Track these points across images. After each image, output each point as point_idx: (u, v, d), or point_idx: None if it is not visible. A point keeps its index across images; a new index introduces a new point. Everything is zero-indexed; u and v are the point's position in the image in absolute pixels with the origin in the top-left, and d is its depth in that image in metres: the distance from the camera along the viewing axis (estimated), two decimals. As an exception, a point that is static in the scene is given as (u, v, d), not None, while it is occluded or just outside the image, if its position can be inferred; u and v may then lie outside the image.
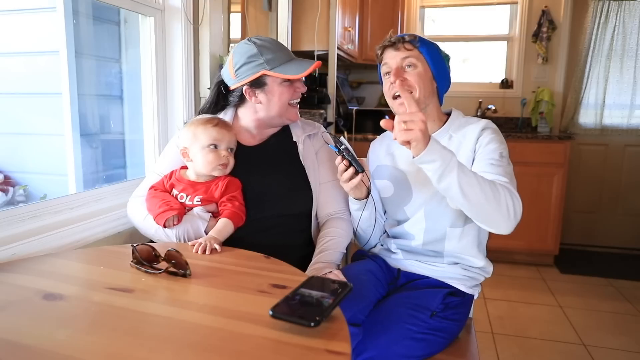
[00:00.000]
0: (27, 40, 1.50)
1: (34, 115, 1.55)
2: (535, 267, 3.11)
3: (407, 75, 1.16)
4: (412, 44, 1.16)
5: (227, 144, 1.19)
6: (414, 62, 1.16)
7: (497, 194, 0.97)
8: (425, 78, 1.17)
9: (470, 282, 1.20)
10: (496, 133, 1.15)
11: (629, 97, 3.36)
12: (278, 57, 1.20)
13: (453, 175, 0.94)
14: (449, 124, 1.21)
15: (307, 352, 0.62)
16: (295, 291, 0.74)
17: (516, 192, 1.02)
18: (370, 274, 1.20)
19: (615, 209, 3.52)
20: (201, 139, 1.17)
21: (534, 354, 2.02)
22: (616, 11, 3.27)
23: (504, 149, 1.13)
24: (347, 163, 1.07)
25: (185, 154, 1.20)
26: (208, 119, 1.21)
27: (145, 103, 1.70)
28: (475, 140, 1.14)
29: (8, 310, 0.72)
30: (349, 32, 2.92)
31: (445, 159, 0.93)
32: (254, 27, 2.31)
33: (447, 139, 1.18)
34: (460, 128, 1.19)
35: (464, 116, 1.25)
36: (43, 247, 1.11)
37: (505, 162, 1.10)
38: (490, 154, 1.10)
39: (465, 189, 0.94)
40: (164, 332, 0.67)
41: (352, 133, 2.95)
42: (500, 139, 1.14)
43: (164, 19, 1.68)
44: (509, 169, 1.09)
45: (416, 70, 1.16)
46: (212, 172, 1.19)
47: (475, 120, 1.20)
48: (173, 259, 0.88)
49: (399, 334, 1.02)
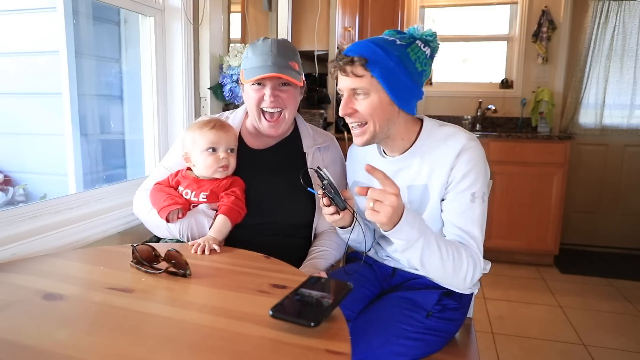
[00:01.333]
0: (27, 40, 1.50)
1: (34, 115, 1.55)
2: (535, 267, 3.11)
3: (357, 105, 1.03)
4: (364, 68, 1.00)
5: (226, 145, 1.19)
6: (365, 91, 1.02)
7: (458, 269, 1.00)
8: (380, 106, 1.03)
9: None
10: (471, 160, 1.03)
11: (629, 97, 3.36)
12: (254, 59, 1.19)
13: (416, 253, 0.97)
14: (421, 142, 1.10)
15: (307, 352, 0.62)
16: (295, 291, 0.74)
17: (480, 255, 1.03)
18: (359, 274, 1.19)
19: (615, 209, 3.52)
20: (199, 143, 1.17)
21: (534, 354, 2.02)
22: (616, 11, 3.28)
23: (479, 183, 1.03)
24: (327, 201, 1.01)
25: (188, 159, 1.21)
26: (205, 121, 1.21)
27: (145, 103, 1.70)
28: (449, 169, 1.03)
29: (8, 310, 0.72)
30: (349, 32, 2.92)
31: (410, 240, 0.95)
32: (254, 27, 2.31)
33: (419, 161, 1.08)
34: (433, 148, 1.08)
35: (439, 126, 1.11)
36: (43, 247, 1.11)
37: (477, 204, 1.02)
38: (461, 197, 1.03)
39: (426, 264, 0.99)
40: (164, 332, 0.67)
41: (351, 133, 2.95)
42: (475, 168, 1.03)
43: (164, 19, 1.68)
44: (478, 211, 1.03)
45: (368, 99, 1.02)
46: (213, 174, 1.19)
47: (451, 133, 1.07)
48: (173, 259, 0.88)
49: (393, 333, 1.01)
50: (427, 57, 1.05)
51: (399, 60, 1.00)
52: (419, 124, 1.13)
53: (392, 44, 1.02)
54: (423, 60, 1.04)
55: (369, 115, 1.03)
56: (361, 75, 1.01)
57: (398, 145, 1.12)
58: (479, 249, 1.04)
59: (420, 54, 1.04)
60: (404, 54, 1.01)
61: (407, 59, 1.02)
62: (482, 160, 1.05)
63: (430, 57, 1.07)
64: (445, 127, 1.10)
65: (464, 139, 1.04)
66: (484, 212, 1.05)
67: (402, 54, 1.01)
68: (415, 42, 1.04)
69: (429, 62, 1.06)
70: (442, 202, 1.07)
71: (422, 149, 1.09)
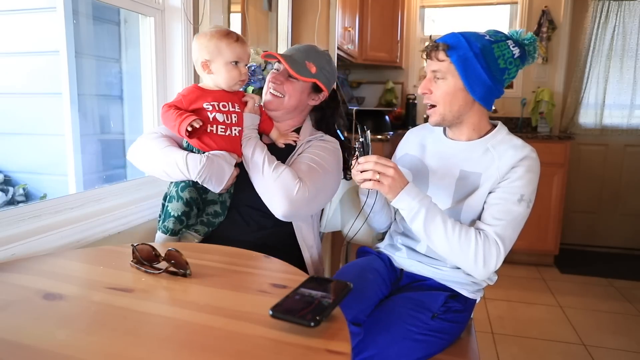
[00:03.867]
0: (27, 40, 1.50)
1: (34, 115, 1.55)
2: (535, 267, 3.11)
3: (434, 87, 1.12)
4: (445, 54, 1.09)
5: (246, 60, 1.20)
6: (442, 75, 1.10)
7: (465, 245, 1.03)
8: (453, 92, 1.10)
9: (472, 287, 1.19)
10: (531, 169, 1.09)
11: (629, 97, 3.36)
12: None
13: (419, 224, 1.04)
14: (490, 137, 1.16)
15: (307, 352, 0.62)
16: (295, 291, 0.74)
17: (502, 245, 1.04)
18: (375, 272, 1.20)
19: (615, 209, 3.52)
20: (225, 54, 1.16)
21: (534, 354, 2.02)
22: (616, 11, 3.28)
23: (531, 188, 1.09)
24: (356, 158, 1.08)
25: (206, 66, 1.17)
26: (226, 32, 1.18)
27: (145, 103, 1.70)
28: (509, 168, 1.09)
29: (8, 310, 0.72)
30: (349, 32, 2.92)
31: (411, 209, 1.04)
32: (254, 27, 2.31)
33: (483, 151, 1.14)
34: (500, 144, 1.14)
35: (509, 133, 1.18)
36: (43, 247, 1.11)
37: (523, 207, 1.07)
38: (510, 193, 1.07)
39: (432, 235, 1.05)
40: (164, 332, 0.67)
41: (351, 133, 2.95)
42: (531, 177, 1.09)
43: (164, 19, 1.68)
44: (521, 210, 1.07)
45: (444, 82, 1.11)
46: (233, 87, 1.20)
47: (519, 143, 1.13)
48: (173, 259, 0.88)
49: (399, 334, 1.02)
50: (514, 57, 1.09)
51: (479, 52, 1.06)
52: (491, 125, 1.20)
53: (479, 37, 1.09)
54: (508, 59, 1.08)
55: (440, 97, 1.11)
56: (442, 60, 1.09)
57: (467, 134, 1.18)
58: (500, 241, 1.04)
59: (507, 52, 1.08)
60: (487, 47, 1.07)
61: (490, 53, 1.07)
62: (538, 173, 1.11)
63: (520, 58, 1.10)
64: (517, 138, 1.16)
65: (531, 151, 1.12)
66: (524, 216, 1.08)
67: (485, 47, 1.07)
68: (506, 41, 1.09)
69: (515, 63, 1.10)
70: (490, 194, 1.10)
71: (490, 144, 1.15)
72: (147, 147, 1.20)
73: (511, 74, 1.11)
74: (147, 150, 1.19)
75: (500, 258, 1.04)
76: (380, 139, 2.94)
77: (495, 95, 1.13)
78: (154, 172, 1.19)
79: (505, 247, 1.05)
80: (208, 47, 1.16)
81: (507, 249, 1.06)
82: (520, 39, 1.11)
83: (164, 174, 1.16)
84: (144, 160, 1.20)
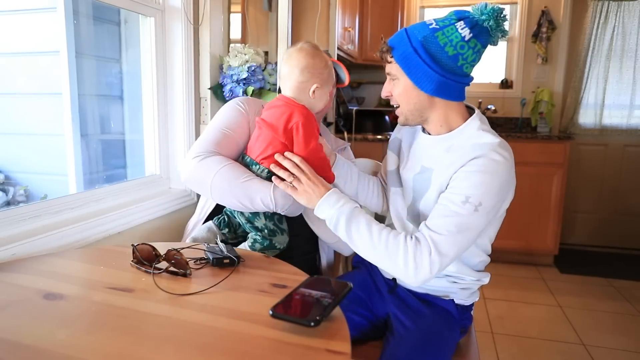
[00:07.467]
0: (28, 40, 1.51)
1: (34, 115, 1.56)
2: (535, 267, 3.11)
3: (392, 89, 1.07)
4: (390, 54, 1.03)
5: None
6: (394, 77, 1.05)
7: (393, 251, 0.95)
8: (405, 91, 1.05)
9: (465, 293, 1.14)
10: (485, 169, 0.95)
11: (628, 97, 3.36)
12: None
13: (342, 232, 1.01)
14: (457, 133, 1.05)
15: (307, 351, 0.62)
16: (295, 291, 0.74)
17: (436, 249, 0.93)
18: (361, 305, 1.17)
19: (614, 209, 3.52)
20: (331, 83, 1.18)
21: (534, 354, 2.02)
22: (616, 11, 3.28)
23: (481, 191, 0.94)
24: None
25: (314, 92, 1.13)
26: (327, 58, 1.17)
27: (145, 103, 1.70)
28: (458, 167, 0.98)
29: (8, 310, 0.72)
30: (349, 32, 2.92)
31: (332, 218, 1.01)
32: (254, 27, 2.31)
33: (446, 148, 1.05)
34: (466, 140, 1.03)
35: (481, 128, 1.03)
36: (43, 247, 1.11)
37: (468, 210, 0.94)
38: (454, 194, 0.96)
39: (356, 242, 1.00)
40: (164, 332, 0.68)
41: (352, 133, 2.95)
42: (483, 179, 0.95)
43: (164, 19, 1.68)
44: (464, 219, 0.94)
45: (398, 83, 1.05)
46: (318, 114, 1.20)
47: (484, 141, 1.00)
48: (173, 259, 0.88)
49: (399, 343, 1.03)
50: (465, 40, 0.96)
51: (420, 45, 0.98)
52: (466, 118, 1.08)
53: (422, 27, 1.00)
54: (457, 44, 0.97)
55: (398, 98, 1.07)
56: (390, 62, 1.05)
57: (435, 129, 1.10)
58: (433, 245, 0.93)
59: (454, 36, 0.97)
60: (429, 38, 0.97)
61: (433, 43, 0.97)
62: (499, 175, 0.96)
63: (476, 37, 0.97)
64: (489, 135, 1.01)
65: (490, 150, 0.97)
66: (474, 222, 0.94)
67: (427, 38, 0.98)
68: (454, 25, 0.97)
69: (470, 45, 0.98)
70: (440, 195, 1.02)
71: (456, 140, 1.05)
72: (221, 178, 1.08)
73: (468, 58, 0.99)
74: (221, 182, 1.08)
75: (434, 263, 0.92)
76: (380, 139, 2.94)
77: (455, 86, 1.01)
78: (224, 202, 1.13)
79: (440, 252, 0.93)
80: (323, 74, 1.14)
81: (445, 254, 0.93)
82: (473, 16, 0.98)
83: (238, 205, 1.10)
84: (217, 191, 1.10)
